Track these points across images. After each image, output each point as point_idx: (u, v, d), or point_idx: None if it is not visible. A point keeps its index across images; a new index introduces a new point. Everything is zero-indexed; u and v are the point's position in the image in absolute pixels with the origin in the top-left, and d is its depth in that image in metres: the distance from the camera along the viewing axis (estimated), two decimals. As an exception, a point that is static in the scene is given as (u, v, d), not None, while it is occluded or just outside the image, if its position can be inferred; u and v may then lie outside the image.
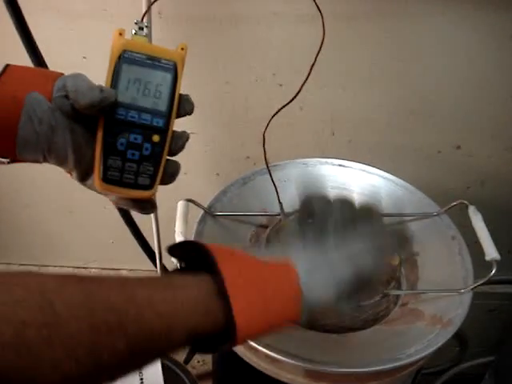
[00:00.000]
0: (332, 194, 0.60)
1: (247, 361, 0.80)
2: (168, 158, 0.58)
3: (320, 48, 0.86)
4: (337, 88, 1.08)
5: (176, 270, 0.53)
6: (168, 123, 0.56)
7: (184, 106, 0.58)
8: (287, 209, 0.91)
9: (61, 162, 0.56)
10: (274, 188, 0.89)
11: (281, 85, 1.08)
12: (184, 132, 0.58)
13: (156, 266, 1.21)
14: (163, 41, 0.99)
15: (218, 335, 0.47)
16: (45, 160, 0.56)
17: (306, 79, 0.86)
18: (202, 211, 0.90)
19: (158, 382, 0.84)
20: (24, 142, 0.53)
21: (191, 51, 1.01)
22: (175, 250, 0.53)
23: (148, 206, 0.61)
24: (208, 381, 1.33)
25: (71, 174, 0.58)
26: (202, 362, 1.65)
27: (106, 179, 0.56)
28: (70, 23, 1.01)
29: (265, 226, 0.93)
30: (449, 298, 0.82)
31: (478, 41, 1.02)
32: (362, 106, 1.11)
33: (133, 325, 0.41)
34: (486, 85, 1.08)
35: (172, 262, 0.78)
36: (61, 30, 1.01)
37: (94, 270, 1.44)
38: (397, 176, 0.99)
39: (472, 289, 0.82)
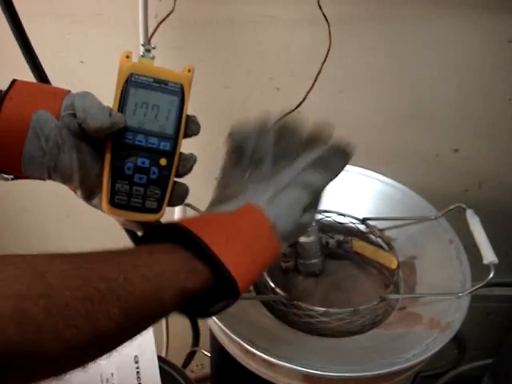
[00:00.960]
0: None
1: (245, 365, 0.80)
2: (176, 180, 0.58)
3: (326, 56, 0.86)
4: (334, 92, 1.08)
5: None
6: (175, 146, 0.57)
7: (191, 128, 0.58)
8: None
9: (66, 180, 0.56)
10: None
11: (278, 89, 1.08)
12: (191, 154, 0.59)
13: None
14: (159, 44, 0.99)
15: (212, 293, 0.48)
16: (50, 177, 0.56)
17: (312, 87, 0.87)
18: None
19: (155, 387, 0.84)
20: (30, 159, 0.53)
21: (188, 55, 1.01)
22: (146, 239, 0.52)
23: None
24: (206, 384, 1.33)
25: (76, 192, 0.58)
26: (201, 366, 1.65)
27: (113, 203, 0.56)
28: (67, 28, 1.01)
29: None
30: (447, 301, 0.82)
31: (475, 44, 1.03)
32: (360, 110, 1.11)
33: (123, 290, 0.42)
34: (484, 88, 1.08)
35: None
36: (58, 34, 1.01)
37: (91, 273, 1.44)
38: (394, 179, 0.99)
39: (470, 292, 0.82)
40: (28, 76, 0.89)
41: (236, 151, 0.60)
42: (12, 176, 0.56)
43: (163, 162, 0.56)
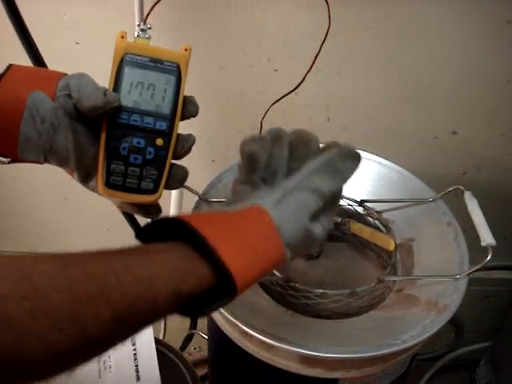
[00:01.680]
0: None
1: (242, 347, 0.80)
2: (175, 162, 0.58)
3: (325, 37, 0.86)
4: (332, 74, 1.07)
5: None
6: (172, 126, 0.56)
7: (188, 108, 0.58)
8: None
9: (62, 162, 0.56)
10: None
11: (276, 70, 1.07)
12: (190, 135, 0.58)
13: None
14: (155, 26, 0.98)
15: (209, 293, 0.46)
16: (46, 160, 0.56)
17: (310, 68, 0.86)
18: (196, 197, 0.89)
19: (153, 369, 0.84)
20: (26, 141, 0.53)
21: (184, 36, 1.01)
22: (145, 233, 0.50)
23: (153, 211, 0.60)
24: (205, 367, 1.33)
25: (72, 175, 0.58)
26: (199, 349, 1.66)
27: (108, 184, 0.55)
28: (62, 9, 1.00)
29: (260, 212, 0.92)
30: (444, 283, 0.81)
31: (474, 26, 1.02)
32: (358, 92, 1.11)
33: (114, 292, 0.40)
34: (482, 70, 1.07)
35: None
36: (53, 15, 1.01)
37: (89, 257, 1.44)
38: (392, 162, 0.98)
39: (467, 274, 0.81)
40: (23, 57, 0.88)
41: (249, 162, 0.57)
42: (9, 159, 0.56)
43: (159, 142, 0.56)
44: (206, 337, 1.07)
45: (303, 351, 0.71)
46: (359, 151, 0.59)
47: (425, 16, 1.01)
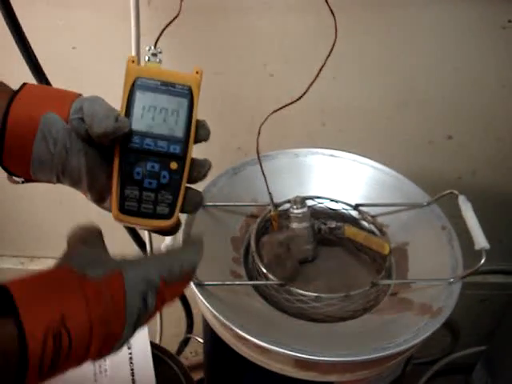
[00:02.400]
0: None
1: (237, 351, 0.80)
2: (190, 186, 0.57)
3: (331, 50, 0.86)
4: (328, 78, 1.08)
5: None
6: (186, 149, 0.55)
7: (200, 133, 0.57)
8: (277, 199, 0.91)
9: (75, 183, 0.55)
10: (263, 178, 0.89)
11: (272, 75, 1.08)
12: (206, 160, 0.58)
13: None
14: (152, 30, 0.98)
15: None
16: (58, 181, 0.55)
17: (316, 78, 0.87)
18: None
19: (148, 373, 0.84)
20: (38, 162, 0.53)
21: (181, 41, 1.01)
22: None
23: (173, 231, 0.60)
24: (201, 372, 1.33)
25: (86, 196, 0.58)
26: (195, 353, 1.66)
27: (123, 210, 0.55)
28: (59, 13, 1.00)
29: (255, 216, 0.93)
30: (438, 287, 0.82)
31: (469, 31, 1.02)
32: (353, 97, 1.11)
33: None
34: (478, 75, 1.08)
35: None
36: (50, 20, 1.01)
37: (85, 261, 1.44)
38: (387, 166, 0.99)
39: (461, 278, 0.82)
40: (20, 61, 0.89)
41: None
42: (22, 179, 0.56)
43: (174, 165, 0.55)
44: (202, 341, 1.07)
45: (298, 355, 0.71)
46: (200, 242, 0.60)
47: (419, 21, 1.01)
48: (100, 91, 0.58)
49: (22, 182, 0.57)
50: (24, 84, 0.55)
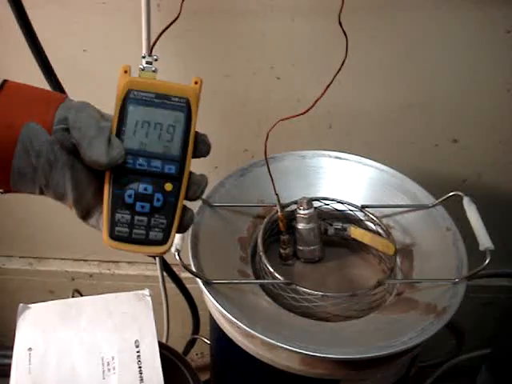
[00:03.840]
0: None
1: (244, 348, 0.82)
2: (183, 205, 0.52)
3: (342, 64, 0.87)
4: (334, 82, 1.09)
5: None
6: (182, 169, 0.51)
7: (199, 148, 0.52)
8: (284, 200, 0.92)
9: (59, 198, 0.52)
10: (270, 180, 0.90)
11: (278, 78, 1.09)
12: (202, 177, 0.53)
13: (155, 259, 1.22)
14: (162, 34, 1.00)
15: None
16: (41, 193, 0.52)
17: (325, 91, 0.88)
18: (200, 202, 0.91)
19: (156, 370, 0.85)
20: (19, 175, 0.49)
21: (188, 44, 1.02)
22: None
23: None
24: (207, 373, 1.34)
25: (72, 210, 0.54)
26: (201, 355, 1.66)
27: (113, 236, 0.51)
28: (70, 16, 1.02)
29: (262, 217, 0.94)
30: (443, 287, 0.83)
31: (474, 34, 1.03)
32: (359, 100, 1.12)
33: None
34: (482, 78, 1.09)
35: (171, 254, 0.80)
36: (61, 23, 1.02)
37: (93, 262, 1.45)
38: (393, 168, 1.00)
39: (466, 278, 0.83)
40: (32, 64, 0.90)
41: None
42: (1, 190, 0.52)
43: (168, 187, 0.51)
44: (209, 342, 1.08)
45: (304, 352, 0.72)
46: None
47: (425, 25, 1.02)
48: (110, 94, 0.56)
49: (1, 193, 0.53)
50: (4, 82, 0.51)
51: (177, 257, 0.79)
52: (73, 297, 0.98)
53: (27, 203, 1.32)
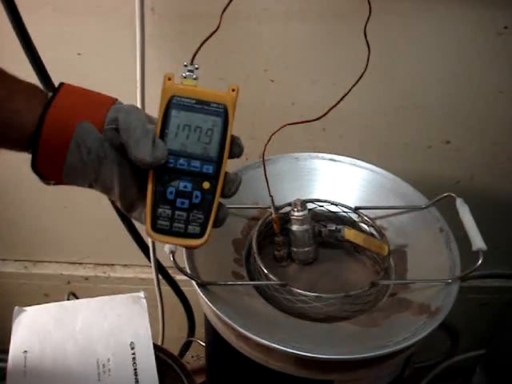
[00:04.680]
0: None
1: (239, 350, 0.82)
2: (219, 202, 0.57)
3: (360, 77, 0.88)
4: (328, 84, 1.10)
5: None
6: (219, 169, 0.55)
7: (233, 150, 0.57)
8: (278, 202, 0.93)
9: (106, 191, 0.56)
10: (265, 182, 0.90)
11: (272, 80, 1.10)
12: (236, 175, 0.57)
13: (150, 261, 1.22)
14: (156, 37, 1.01)
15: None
16: (90, 187, 0.56)
17: (338, 103, 0.88)
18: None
19: (151, 371, 0.85)
20: (71, 170, 0.54)
21: (184, 47, 1.03)
22: None
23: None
24: (202, 375, 1.35)
25: (117, 203, 0.58)
26: (196, 357, 1.67)
27: (155, 228, 0.55)
28: (65, 20, 1.02)
29: (256, 219, 0.95)
30: (437, 287, 0.84)
31: (465, 36, 1.04)
32: (353, 102, 1.12)
33: None
34: (475, 80, 1.09)
35: (166, 256, 0.80)
36: (56, 26, 1.02)
37: (89, 265, 1.46)
38: (386, 170, 1.00)
39: (459, 278, 0.83)
40: (27, 67, 0.91)
41: None
42: (53, 182, 0.57)
43: (206, 185, 0.55)
44: (204, 344, 1.08)
45: (298, 352, 0.72)
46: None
47: (418, 28, 1.03)
48: None
49: (53, 184, 0.57)
50: (61, 85, 0.56)
51: (171, 259, 0.80)
52: (68, 300, 0.98)
53: (22, 206, 1.33)
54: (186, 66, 0.58)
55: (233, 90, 0.57)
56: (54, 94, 0.54)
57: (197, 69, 0.58)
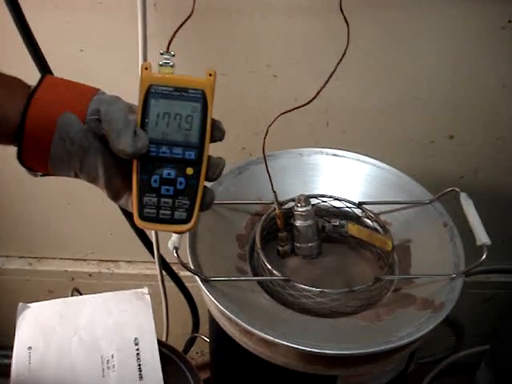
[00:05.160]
0: None
1: (243, 345, 0.82)
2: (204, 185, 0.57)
3: (343, 56, 0.88)
4: (331, 79, 1.09)
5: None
6: (201, 154, 0.56)
7: (214, 134, 0.57)
8: (281, 198, 0.93)
9: (92, 180, 0.57)
10: (268, 177, 0.90)
11: (275, 76, 1.09)
12: (220, 159, 0.58)
13: (154, 257, 1.22)
14: (159, 33, 1.01)
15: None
16: (76, 176, 0.57)
17: (325, 84, 0.88)
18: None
19: (155, 367, 0.85)
20: (56, 160, 0.55)
21: (186, 43, 1.03)
22: None
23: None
24: (207, 371, 1.35)
25: (103, 191, 0.59)
26: (201, 353, 1.67)
27: (142, 217, 0.56)
28: (67, 16, 1.02)
29: (260, 214, 0.95)
30: (441, 283, 0.83)
31: (469, 32, 1.04)
32: (356, 97, 1.13)
33: None
34: (478, 75, 1.09)
35: (170, 252, 0.80)
36: (58, 22, 1.03)
37: (92, 261, 1.46)
38: (390, 165, 1.00)
39: (463, 273, 0.83)
40: (29, 63, 0.91)
41: None
42: (40, 173, 0.58)
43: (189, 171, 0.56)
44: (208, 340, 1.08)
45: (302, 347, 0.72)
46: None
47: (421, 22, 1.02)
48: (107, 92, 0.58)
49: (40, 176, 0.58)
50: (43, 76, 0.56)
51: (175, 254, 0.80)
52: (72, 296, 0.98)
53: (26, 203, 1.33)
54: (162, 54, 0.58)
55: (210, 75, 0.57)
56: (36, 87, 0.55)
57: (173, 56, 0.58)
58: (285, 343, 0.73)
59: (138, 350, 0.88)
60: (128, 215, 1.14)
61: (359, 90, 1.12)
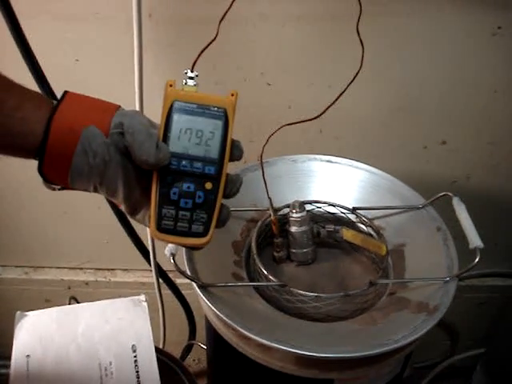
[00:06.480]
0: None
1: (240, 350, 0.83)
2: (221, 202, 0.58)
3: (355, 76, 0.89)
4: (324, 86, 1.10)
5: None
6: (220, 170, 0.57)
7: (233, 153, 0.58)
8: (276, 204, 0.94)
9: (111, 194, 0.57)
10: (263, 184, 0.91)
11: (269, 84, 1.10)
12: (238, 176, 0.59)
13: (150, 265, 1.23)
14: (154, 43, 1.02)
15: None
16: (95, 190, 0.57)
17: (334, 101, 0.89)
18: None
19: (153, 374, 0.85)
20: (77, 173, 0.55)
21: (180, 52, 1.04)
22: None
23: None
24: (204, 379, 1.35)
25: (120, 207, 0.60)
26: (198, 361, 1.67)
27: (160, 228, 0.57)
28: (63, 27, 1.03)
29: (255, 221, 0.95)
30: (435, 286, 0.84)
31: (461, 37, 1.05)
32: (349, 104, 1.13)
33: None
34: (470, 81, 1.10)
35: (167, 259, 0.81)
36: (54, 33, 1.03)
37: (89, 270, 1.46)
38: (383, 171, 1.01)
39: (457, 276, 0.84)
40: (25, 73, 0.91)
41: None
42: (59, 187, 0.58)
43: (208, 185, 0.57)
44: (205, 347, 1.09)
45: (299, 352, 0.73)
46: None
47: (412, 29, 1.04)
48: None
49: (59, 189, 0.58)
50: (65, 93, 0.57)
51: (172, 261, 0.81)
52: (69, 304, 0.99)
53: (22, 212, 1.33)
54: (186, 73, 0.60)
55: (232, 95, 0.59)
56: (59, 101, 0.56)
57: (197, 76, 0.60)
58: (281, 348, 0.73)
59: (135, 356, 0.88)
60: (125, 224, 1.14)
61: (352, 97, 1.12)
